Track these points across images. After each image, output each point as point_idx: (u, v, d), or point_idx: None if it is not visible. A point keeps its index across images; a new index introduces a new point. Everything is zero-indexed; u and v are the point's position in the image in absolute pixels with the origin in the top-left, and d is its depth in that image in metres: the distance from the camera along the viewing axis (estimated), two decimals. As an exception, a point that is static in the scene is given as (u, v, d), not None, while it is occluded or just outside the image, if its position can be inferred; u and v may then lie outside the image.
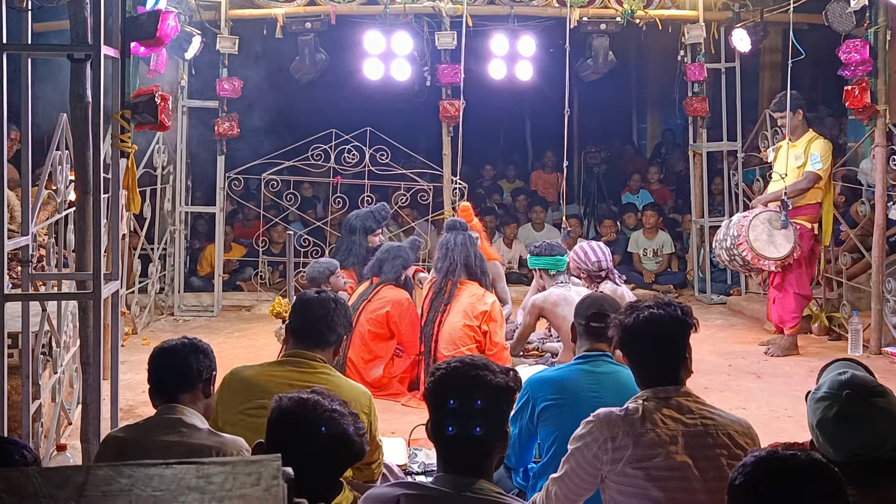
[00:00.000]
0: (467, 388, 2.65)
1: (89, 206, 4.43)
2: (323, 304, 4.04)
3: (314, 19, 9.63)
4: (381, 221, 7.99)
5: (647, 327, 3.18)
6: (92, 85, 4.34)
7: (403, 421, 5.58)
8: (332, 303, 4.08)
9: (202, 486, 1.55)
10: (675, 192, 12.81)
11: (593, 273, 6.74)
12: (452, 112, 9.67)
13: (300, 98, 11.76)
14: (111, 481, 1.56)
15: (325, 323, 4.01)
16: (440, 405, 2.70)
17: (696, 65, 10.18)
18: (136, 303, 8.81)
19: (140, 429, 3.41)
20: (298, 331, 4.05)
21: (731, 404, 6.15)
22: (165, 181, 9.47)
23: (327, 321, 4.01)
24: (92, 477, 1.58)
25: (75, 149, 4.53)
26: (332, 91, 11.65)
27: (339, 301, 4.14)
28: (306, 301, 4.12)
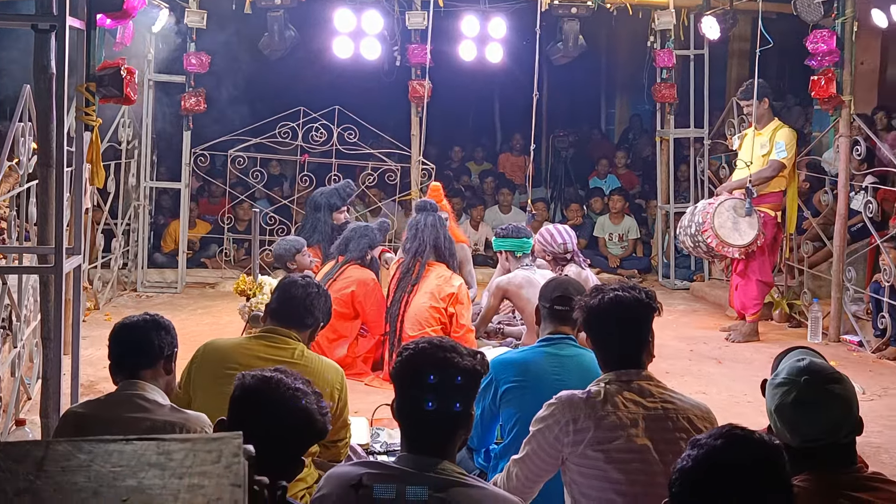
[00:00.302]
0: (435, 370, 2.65)
1: (52, 179, 4.38)
2: (304, 289, 4.12)
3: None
4: (346, 199, 7.98)
5: (611, 309, 3.21)
6: (56, 56, 4.28)
7: (367, 401, 5.58)
8: (314, 288, 4.16)
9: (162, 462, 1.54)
10: (642, 178, 12.88)
11: (559, 255, 6.77)
12: (422, 92, 9.64)
13: (269, 75, 11.67)
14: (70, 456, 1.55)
15: (303, 306, 4.08)
16: (406, 385, 2.70)
17: (665, 51, 10.22)
18: (99, 278, 8.74)
19: (101, 404, 3.38)
20: (276, 310, 4.12)
21: (692, 389, 6.21)
22: (130, 156, 9.38)
23: (306, 304, 4.08)
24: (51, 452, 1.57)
25: (38, 121, 4.47)
26: (301, 68, 11.57)
27: (320, 288, 4.22)
28: (289, 283, 4.19)
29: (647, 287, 3.39)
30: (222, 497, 1.47)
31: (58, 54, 4.25)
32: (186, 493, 1.48)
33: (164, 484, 1.50)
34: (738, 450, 2.08)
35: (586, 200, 11.99)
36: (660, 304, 3.28)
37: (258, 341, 4.00)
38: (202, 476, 1.51)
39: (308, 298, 4.09)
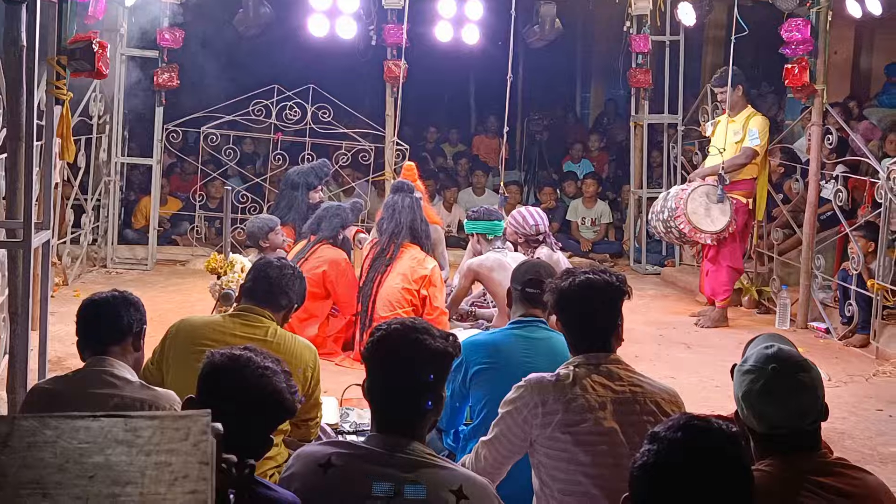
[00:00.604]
0: (407, 351, 2.65)
1: (21, 153, 4.33)
2: (280, 270, 4.14)
3: (260, -29, 9.48)
4: (322, 178, 7.96)
5: (582, 292, 3.22)
6: (27, 29, 4.23)
7: (337, 381, 5.58)
8: (290, 269, 4.19)
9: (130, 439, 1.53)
10: (615, 163, 12.90)
11: (530, 237, 6.77)
12: (397, 73, 9.60)
13: (243, 52, 11.59)
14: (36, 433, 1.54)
15: (278, 286, 4.10)
16: (377, 366, 2.71)
17: (641, 36, 10.23)
18: (68, 253, 8.67)
19: (68, 381, 3.37)
20: (251, 289, 4.14)
21: (661, 373, 6.24)
22: (102, 131, 9.29)
23: (281, 284, 4.10)
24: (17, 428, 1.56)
25: (8, 94, 4.42)
26: (276, 46, 11.49)
27: (296, 270, 4.25)
28: (266, 264, 4.22)
29: (617, 271, 3.41)
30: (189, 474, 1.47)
31: (28, 27, 4.19)
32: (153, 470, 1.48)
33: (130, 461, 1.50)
34: (697, 442, 2.08)
35: (560, 184, 12.01)
36: (630, 287, 3.30)
37: (232, 319, 4.01)
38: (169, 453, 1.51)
39: (283, 280, 4.10)
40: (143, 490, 1.46)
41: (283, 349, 3.72)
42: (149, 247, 9.73)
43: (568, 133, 14.07)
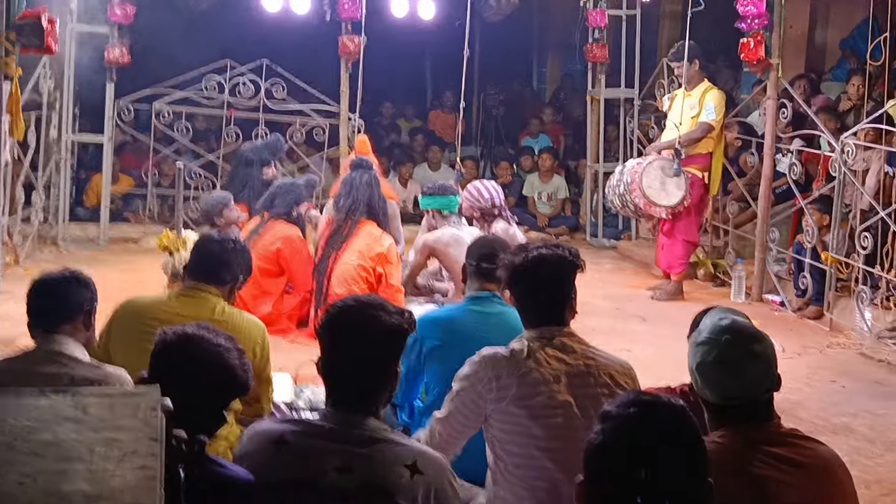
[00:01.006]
0: (361, 327, 2.64)
1: (-32, 129, 4.26)
2: (220, 244, 4.12)
3: (212, -56, 9.36)
4: (276, 154, 7.92)
5: (534, 266, 3.23)
6: (-27, 3, 4.15)
7: (291, 358, 5.55)
8: (231, 243, 4.16)
9: (78, 416, 1.52)
10: (572, 137, 12.94)
11: (486, 211, 6.76)
12: (352, 48, 9.52)
13: (195, 26, 11.43)
14: (-18, 411, 1.52)
15: (220, 261, 4.08)
16: (332, 342, 2.69)
17: (597, 11, 10.25)
18: (19, 232, 8.53)
19: (19, 360, 3.33)
20: (194, 267, 4.11)
21: (617, 346, 6.28)
22: (52, 108, 9.14)
23: (223, 259, 4.07)
24: (-39, 406, 1.53)
25: (-46, 69, 4.35)
26: (229, 21, 11.36)
27: (238, 243, 4.22)
28: (206, 240, 4.22)
29: (572, 245, 3.43)
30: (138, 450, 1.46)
31: (-26, 1, 4.12)
32: (102, 446, 1.47)
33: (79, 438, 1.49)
34: (647, 419, 2.09)
35: (516, 159, 12.02)
36: (583, 261, 3.30)
37: (178, 298, 3.98)
38: (118, 430, 1.49)
39: (224, 254, 4.08)
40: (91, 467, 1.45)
41: (231, 326, 3.68)
42: (101, 225, 9.61)
43: (524, 108, 14.07)
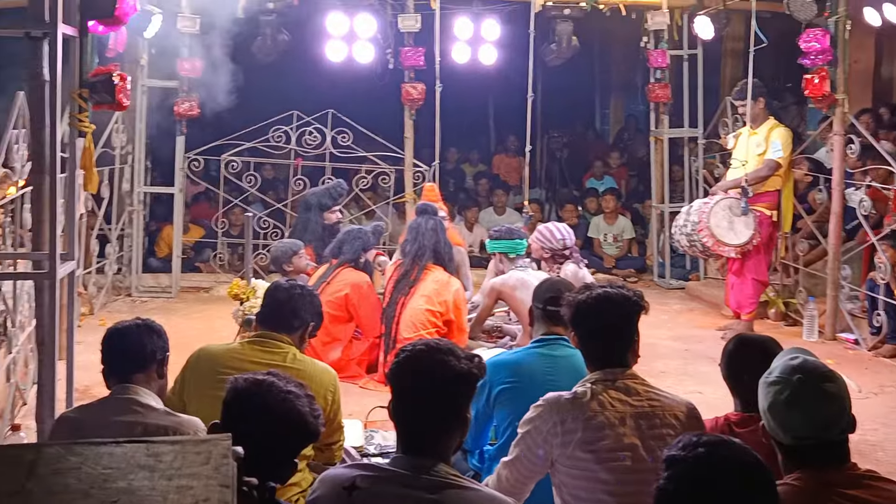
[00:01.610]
0: (432, 372, 2.65)
1: (45, 185, 4.38)
2: (288, 292, 4.16)
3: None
4: (337, 198, 7.99)
5: (598, 306, 3.23)
6: (49, 63, 4.28)
7: (361, 403, 5.59)
8: (299, 290, 4.20)
9: (152, 464, 1.55)
10: (637, 178, 12.89)
11: (557, 252, 6.75)
12: (415, 95, 9.65)
13: (262, 79, 11.67)
14: (61, 459, 1.56)
15: (289, 309, 4.12)
16: (402, 386, 2.70)
17: (658, 51, 10.23)
18: (94, 283, 8.73)
19: (94, 409, 3.40)
20: (265, 315, 4.18)
21: (687, 388, 6.22)
22: (124, 161, 9.37)
23: (292, 306, 4.12)
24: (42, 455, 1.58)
25: (32, 128, 4.47)
26: (295, 72, 11.57)
27: (306, 289, 4.26)
28: (274, 288, 4.26)
29: (637, 287, 3.42)
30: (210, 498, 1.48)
31: (51, 61, 4.25)
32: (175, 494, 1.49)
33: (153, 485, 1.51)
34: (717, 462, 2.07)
35: (581, 201, 12.00)
36: (647, 303, 3.29)
37: (251, 346, 4.02)
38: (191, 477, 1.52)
39: (292, 301, 4.12)
40: (165, 514, 1.47)
41: (302, 374, 3.71)
42: (172, 275, 9.77)
43: (588, 150, 14.07)
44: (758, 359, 3.54)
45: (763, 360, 3.49)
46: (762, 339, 3.81)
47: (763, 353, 3.58)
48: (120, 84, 4.58)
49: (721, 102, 10.37)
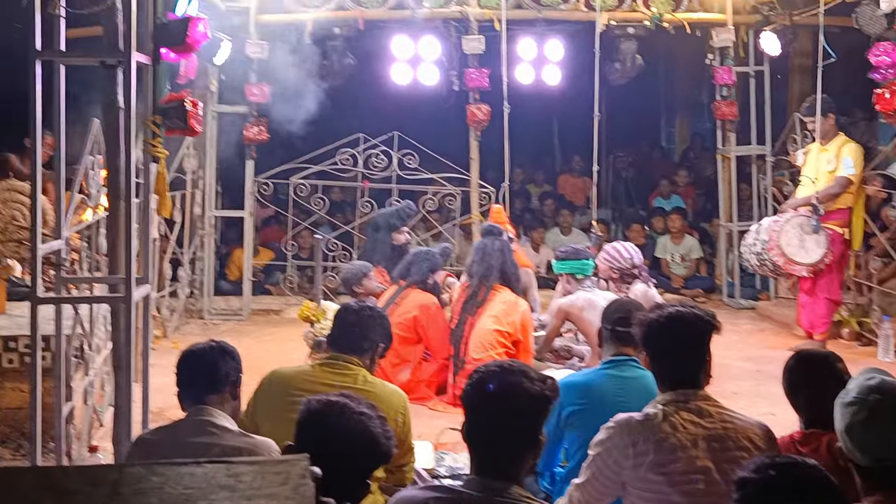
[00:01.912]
0: (504, 394, 2.66)
1: (121, 210, 4.48)
2: (356, 313, 4.18)
3: (342, 24, 9.69)
4: (406, 219, 8.05)
5: (669, 325, 3.20)
6: (123, 91, 4.39)
7: (431, 425, 5.59)
8: (367, 311, 4.22)
9: (232, 484, 1.58)
10: (704, 197, 12.77)
11: (626, 271, 6.72)
12: (480, 117, 9.69)
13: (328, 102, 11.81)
14: (143, 479, 1.60)
15: (358, 330, 4.14)
16: (475, 408, 2.71)
17: (724, 68, 10.15)
18: (167, 306, 8.87)
19: (170, 431, 3.45)
20: (334, 339, 4.19)
21: (760, 410, 6.11)
22: (195, 186, 9.54)
23: (360, 329, 4.14)
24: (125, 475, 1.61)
25: (108, 154, 4.58)
26: (361, 95, 11.70)
27: (374, 311, 4.27)
28: (343, 310, 4.29)
29: (708, 307, 3.39)
30: (290, 518, 1.51)
31: (125, 89, 4.35)
32: (255, 514, 1.52)
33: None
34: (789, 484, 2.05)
35: (648, 220, 11.92)
36: (719, 322, 3.26)
37: (322, 368, 4.05)
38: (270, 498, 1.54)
39: (362, 323, 4.14)
40: (246, 534, 1.50)
41: (373, 396, 3.72)
42: (243, 297, 9.90)
43: (654, 169, 13.97)
44: (818, 374, 3.51)
45: (824, 375, 3.46)
46: (822, 355, 3.77)
47: (823, 369, 3.55)
48: (192, 110, 4.67)
49: (789, 119, 10.24)
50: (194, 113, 4.69)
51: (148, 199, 4.86)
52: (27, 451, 5.20)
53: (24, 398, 5.27)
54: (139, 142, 4.75)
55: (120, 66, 4.40)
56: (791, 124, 9.90)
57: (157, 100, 4.68)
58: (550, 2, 9.95)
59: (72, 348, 5.13)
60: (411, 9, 9.71)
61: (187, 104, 4.65)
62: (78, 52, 5.20)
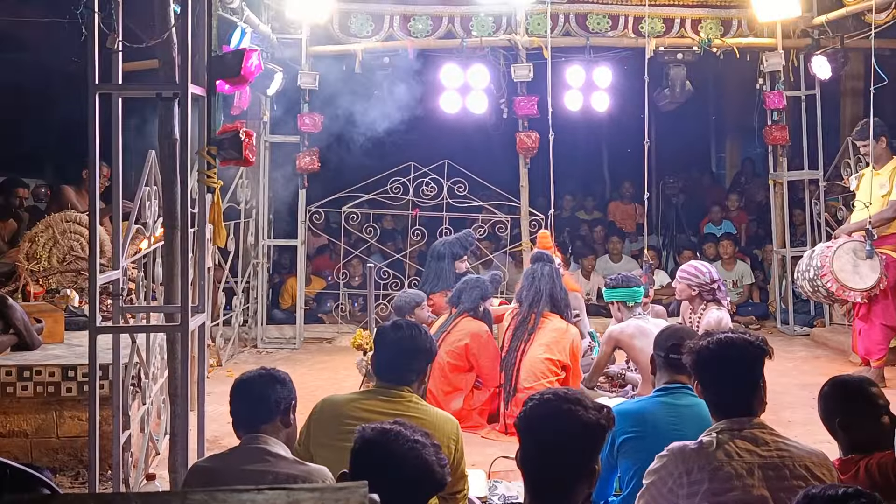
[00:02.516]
0: (559, 422, 2.66)
1: (177, 240, 4.55)
2: (394, 347, 4.10)
3: (392, 54, 9.79)
4: (468, 247, 8.09)
5: (721, 351, 3.18)
6: (179, 122, 4.47)
7: (483, 453, 5.58)
8: (407, 338, 4.11)
9: (292, 511, 1.59)
10: (756, 222, 12.66)
11: (705, 287, 6.69)
12: (529, 144, 9.73)
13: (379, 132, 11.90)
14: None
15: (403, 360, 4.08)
16: (530, 437, 2.71)
17: (775, 93, 10.09)
18: (221, 335, 8.96)
19: (225, 458, 3.48)
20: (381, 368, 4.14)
21: (816, 438, 6.00)
22: (248, 215, 9.65)
23: (405, 357, 4.08)
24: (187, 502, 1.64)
25: (163, 184, 4.66)
26: (411, 124, 11.76)
27: (414, 332, 4.16)
28: (381, 334, 4.22)
29: (761, 333, 3.37)
30: (350, 545, 1.52)
31: (181, 121, 4.43)
32: (316, 541, 1.54)
33: (294, 533, 1.56)
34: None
35: (699, 247, 11.83)
36: (770, 348, 3.23)
37: (373, 395, 4.05)
38: (330, 525, 1.56)
39: (405, 352, 4.07)
40: (306, 561, 1.51)
41: (426, 423, 3.71)
42: (296, 326, 9.97)
43: (705, 195, 13.88)
44: (853, 400, 3.46)
45: (858, 401, 3.41)
46: (856, 380, 3.73)
47: (858, 394, 3.50)
48: (246, 140, 4.73)
49: (841, 143, 10.14)
50: (249, 143, 4.74)
51: (203, 229, 4.93)
52: (85, 478, 5.28)
53: (82, 426, 5.35)
54: (194, 172, 4.83)
55: (176, 98, 4.48)
56: (844, 148, 9.79)
57: (212, 131, 4.74)
58: (598, 28, 9.99)
59: (129, 377, 5.21)
60: (460, 38, 9.80)
61: (242, 135, 4.71)
62: (135, 85, 5.30)
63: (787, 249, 10.36)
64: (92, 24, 4.43)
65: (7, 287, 7.04)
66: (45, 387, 5.44)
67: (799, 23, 10.07)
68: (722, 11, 10.18)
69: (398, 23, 9.96)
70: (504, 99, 10.13)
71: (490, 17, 9.99)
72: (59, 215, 7.66)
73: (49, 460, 5.52)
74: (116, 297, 4.75)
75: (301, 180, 10.00)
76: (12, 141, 10.64)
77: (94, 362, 4.41)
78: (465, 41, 9.81)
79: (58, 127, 10.43)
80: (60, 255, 7.37)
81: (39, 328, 6.11)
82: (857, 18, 9.48)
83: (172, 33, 4.55)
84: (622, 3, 10.02)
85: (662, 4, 10.04)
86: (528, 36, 9.75)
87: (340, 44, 9.91)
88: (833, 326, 10.04)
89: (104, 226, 6.96)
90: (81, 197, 8.57)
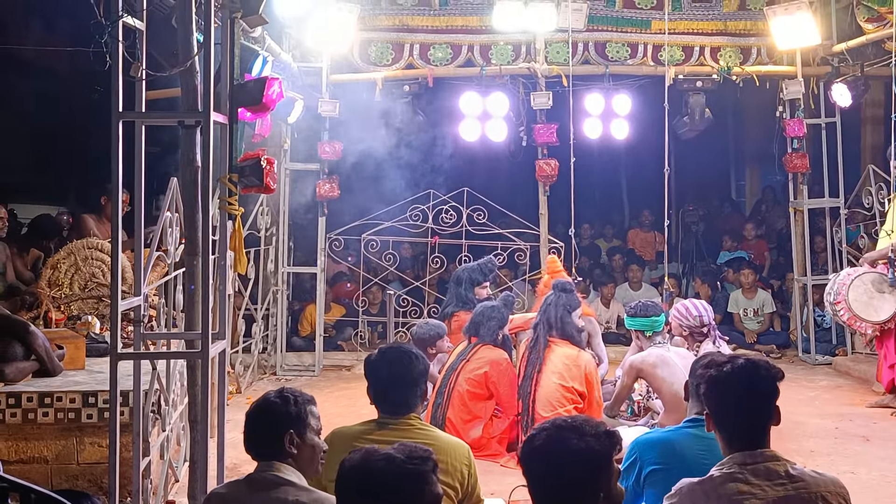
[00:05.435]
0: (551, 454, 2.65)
1: (198, 267, 4.57)
2: (391, 382, 4.01)
3: (412, 82, 9.85)
4: (488, 274, 8.08)
5: (730, 380, 3.12)
6: (202, 150, 4.50)
7: (503, 482, 5.55)
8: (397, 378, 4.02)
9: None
10: (777, 250, 12.60)
11: (695, 329, 6.64)
12: (548, 171, 9.74)
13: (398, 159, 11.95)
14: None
15: (401, 389, 4.01)
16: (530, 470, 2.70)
17: (795, 120, 10.07)
18: (241, 362, 8.97)
19: (240, 485, 3.47)
20: (380, 399, 4.05)
21: (839, 469, 5.97)
22: (268, 242, 9.68)
23: (401, 394, 4.01)
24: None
25: (185, 211, 4.69)
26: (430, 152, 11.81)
27: (405, 357, 4.08)
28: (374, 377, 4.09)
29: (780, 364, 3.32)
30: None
31: (203, 148, 4.46)
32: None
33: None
34: None
35: (719, 275, 11.78)
36: (781, 371, 3.15)
37: (381, 426, 3.98)
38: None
39: (398, 390, 3.99)
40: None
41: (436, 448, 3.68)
42: (315, 353, 9.97)
43: (724, 223, 13.84)
44: None
45: None
46: None
47: None
48: (267, 168, 4.75)
49: (862, 171, 10.10)
50: (270, 171, 4.77)
51: (224, 256, 4.94)
52: (105, 505, 5.28)
53: (102, 453, 5.35)
54: (215, 199, 4.85)
55: (198, 126, 4.51)
56: (865, 176, 9.76)
57: (234, 158, 4.77)
58: (618, 57, 10.03)
59: (149, 403, 5.21)
60: (480, 66, 9.84)
61: (263, 162, 4.73)
62: (158, 113, 5.34)
63: (809, 277, 10.31)
64: (116, 52, 4.47)
65: (29, 314, 7.07)
66: (66, 413, 5.44)
67: (819, 50, 10.08)
68: (741, 39, 10.21)
69: (418, 51, 10.03)
70: (523, 127, 10.16)
71: (509, 46, 10.05)
72: (80, 242, 7.69)
73: (69, 486, 5.51)
74: (137, 324, 4.76)
75: (321, 207, 10.03)
76: (36, 168, 10.73)
77: (114, 389, 4.42)
78: (484, 69, 9.85)
79: (81, 155, 10.53)
80: (82, 282, 7.41)
81: (61, 355, 6.13)
82: (877, 46, 9.48)
83: (195, 62, 4.59)
84: (641, 31, 10.06)
85: (681, 33, 10.08)
86: (547, 64, 9.79)
87: (361, 72, 9.97)
88: (855, 355, 9.95)
89: (125, 253, 7.00)
90: (101, 225, 8.60)
